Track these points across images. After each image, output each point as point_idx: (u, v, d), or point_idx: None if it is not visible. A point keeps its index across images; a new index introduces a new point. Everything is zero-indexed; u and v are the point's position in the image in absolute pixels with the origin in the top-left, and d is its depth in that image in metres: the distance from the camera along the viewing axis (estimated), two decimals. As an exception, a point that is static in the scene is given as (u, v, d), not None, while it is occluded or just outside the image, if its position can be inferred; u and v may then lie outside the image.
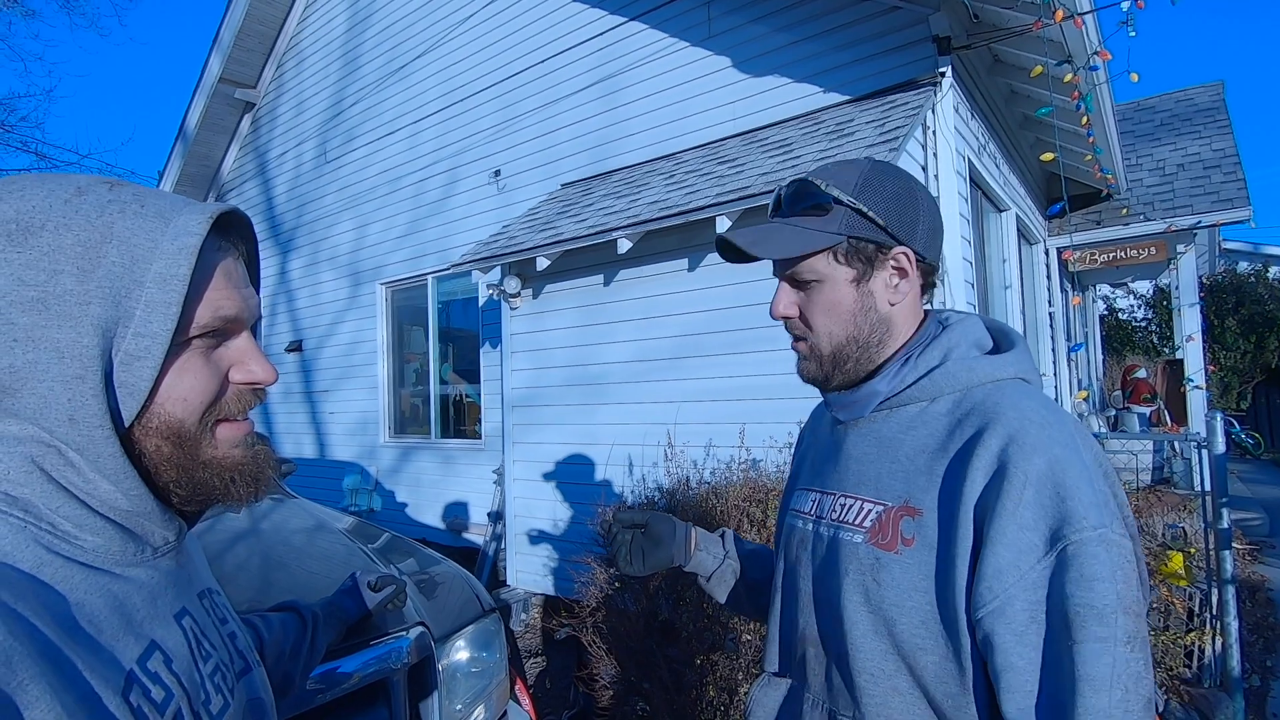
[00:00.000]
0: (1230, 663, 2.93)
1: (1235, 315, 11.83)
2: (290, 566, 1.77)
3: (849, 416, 0.86)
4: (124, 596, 0.52)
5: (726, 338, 3.47)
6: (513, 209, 5.25)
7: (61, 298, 0.48)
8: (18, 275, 0.47)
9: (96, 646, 0.47)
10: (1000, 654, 0.67)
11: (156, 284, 0.51)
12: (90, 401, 0.48)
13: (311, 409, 7.19)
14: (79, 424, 0.49)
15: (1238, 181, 6.03)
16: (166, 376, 0.53)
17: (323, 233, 7.11)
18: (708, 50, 4.34)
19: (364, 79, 6.64)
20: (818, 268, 0.82)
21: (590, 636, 2.70)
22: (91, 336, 0.48)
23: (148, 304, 0.50)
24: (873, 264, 0.82)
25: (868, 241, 0.82)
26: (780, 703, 0.91)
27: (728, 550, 1.11)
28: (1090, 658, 0.63)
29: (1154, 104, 7.92)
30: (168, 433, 0.53)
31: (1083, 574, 0.65)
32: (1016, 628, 0.66)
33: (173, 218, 0.53)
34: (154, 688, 0.50)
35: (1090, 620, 0.64)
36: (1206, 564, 3.17)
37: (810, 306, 0.84)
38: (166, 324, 0.51)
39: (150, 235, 0.52)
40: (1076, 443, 0.71)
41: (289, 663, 1.02)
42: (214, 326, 0.55)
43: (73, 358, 0.48)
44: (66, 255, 0.48)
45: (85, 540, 0.51)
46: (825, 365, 0.85)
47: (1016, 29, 3.52)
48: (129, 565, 0.53)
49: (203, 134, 7.84)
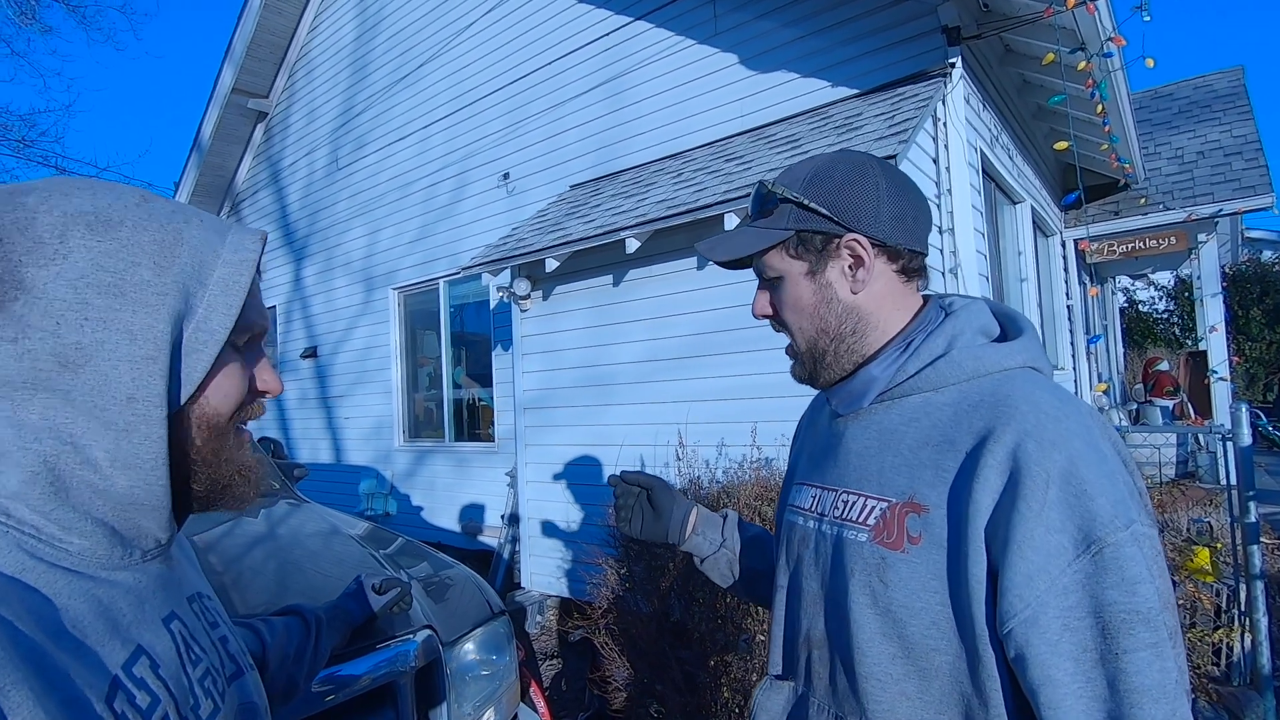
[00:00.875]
0: (1260, 660, 2.85)
1: (1260, 305, 11.59)
2: (306, 570, 1.78)
3: (848, 408, 0.84)
4: (109, 601, 0.52)
5: (737, 335, 3.44)
6: (522, 211, 5.26)
7: (140, 286, 0.52)
8: (97, 261, 0.51)
9: (81, 652, 0.47)
10: (1037, 667, 0.63)
11: (219, 288, 0.57)
12: (156, 382, 0.53)
13: (327, 414, 7.25)
14: (138, 403, 0.52)
15: (1260, 168, 5.89)
16: (216, 375, 0.58)
17: (335, 239, 7.17)
18: (714, 48, 4.32)
19: (373, 86, 6.69)
20: (774, 264, 0.84)
21: (603, 638, 2.68)
22: (165, 324, 0.53)
23: (209, 304, 0.56)
24: (824, 255, 0.82)
25: (814, 233, 0.81)
26: (784, 707, 0.89)
27: (725, 537, 1.09)
28: (1144, 667, 0.60)
29: (1172, 91, 7.78)
30: (205, 425, 0.58)
31: (1123, 577, 0.61)
32: (1050, 637, 0.63)
33: (226, 234, 0.60)
34: (139, 693, 0.50)
35: (1138, 627, 0.60)
36: (1234, 559, 3.10)
37: (780, 305, 0.86)
38: (226, 323, 0.56)
39: (212, 246, 0.58)
40: (1094, 433, 0.68)
41: (293, 666, 1.01)
42: (253, 333, 0.62)
43: (146, 340, 0.52)
44: (145, 250, 0.53)
45: (71, 544, 0.51)
46: (806, 363, 0.87)
47: (1027, 17, 3.46)
48: (115, 569, 0.54)
49: (217, 144, 7.95)
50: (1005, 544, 0.65)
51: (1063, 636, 0.62)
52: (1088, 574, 0.62)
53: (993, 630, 0.66)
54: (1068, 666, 0.62)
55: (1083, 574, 0.62)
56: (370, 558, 1.85)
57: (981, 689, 0.68)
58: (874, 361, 0.82)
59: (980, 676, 0.68)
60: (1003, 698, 0.67)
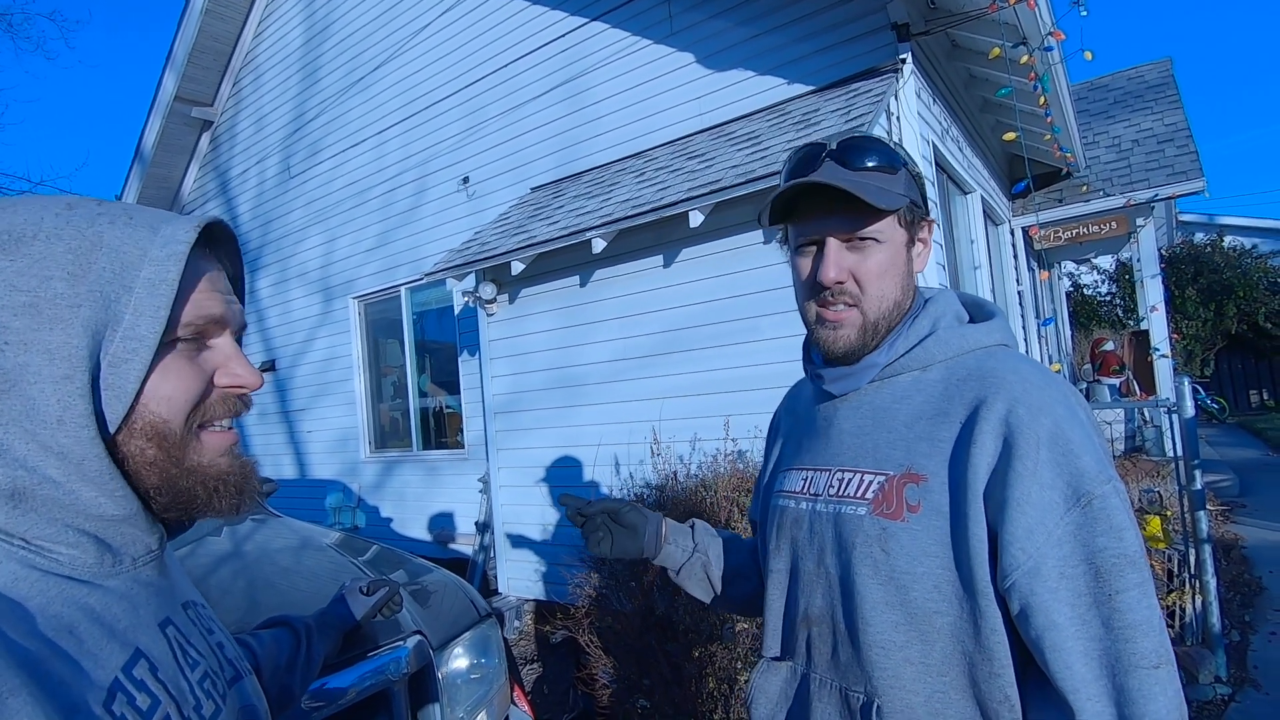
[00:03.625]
0: (1210, 619, 3.01)
1: (1195, 285, 12.18)
2: (278, 586, 1.74)
3: (844, 389, 0.86)
4: (103, 607, 0.51)
5: (707, 331, 3.48)
6: (483, 215, 5.22)
7: (53, 301, 0.49)
8: (10, 282, 0.49)
9: (79, 656, 0.47)
10: (1040, 613, 0.68)
11: (145, 289, 0.52)
12: (77, 402, 0.49)
13: (289, 428, 7.06)
14: (66, 425, 0.49)
15: (1190, 154, 6.20)
16: (151, 377, 0.53)
17: (290, 249, 6.99)
18: (671, 47, 4.36)
19: (324, 91, 6.55)
20: (884, 228, 0.80)
21: (587, 637, 2.69)
22: (81, 338, 0.49)
23: (136, 309, 0.52)
24: (916, 231, 0.85)
25: (916, 207, 0.84)
26: (782, 686, 0.91)
27: (697, 543, 1.09)
28: (1134, 604, 0.65)
29: (1107, 82, 8.12)
30: (151, 434, 0.54)
31: (1111, 525, 0.67)
32: (1051, 584, 0.67)
33: (160, 228, 0.55)
34: (140, 695, 0.50)
35: (1127, 569, 0.66)
36: (1183, 526, 3.26)
37: (864, 269, 0.81)
38: (154, 327, 0.52)
39: (139, 243, 0.53)
40: (1071, 400, 0.74)
41: (285, 675, 1.00)
42: (198, 325, 0.56)
43: (62, 358, 0.49)
44: (57, 262, 0.50)
45: (60, 553, 0.50)
46: (867, 333, 0.82)
47: (972, 13, 3.58)
48: (107, 576, 0.53)
49: (160, 155, 7.67)
50: (1003, 503, 0.69)
51: (1060, 584, 0.67)
52: (1079, 524, 0.67)
53: (995, 587, 0.71)
54: (1066, 611, 0.67)
55: (1074, 524, 0.68)
56: (350, 564, 1.82)
57: (985, 644, 0.72)
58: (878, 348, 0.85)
59: (984, 632, 0.72)
60: (1007, 649, 0.71)
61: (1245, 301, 11.99)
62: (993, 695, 0.72)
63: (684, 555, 1.07)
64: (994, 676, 0.71)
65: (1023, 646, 0.71)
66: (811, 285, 0.83)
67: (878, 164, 0.80)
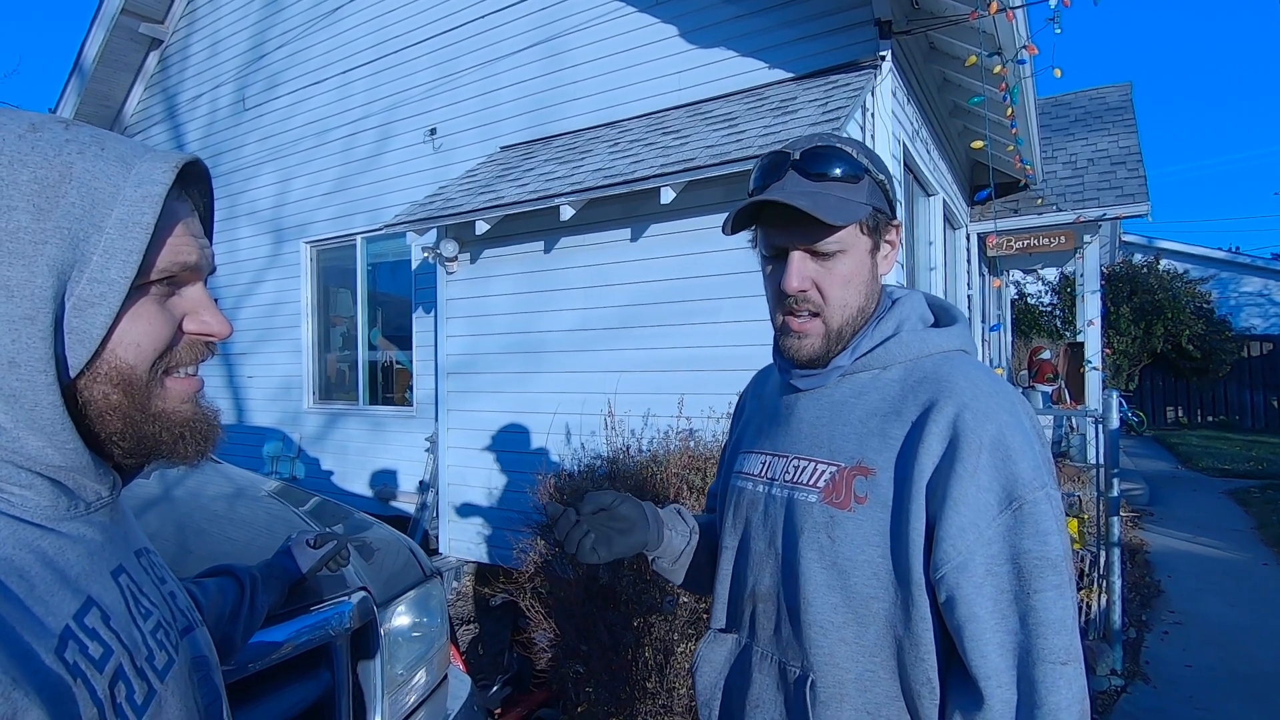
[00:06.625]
0: (1113, 616, 3.23)
1: (1129, 303, 12.79)
2: (209, 533, 1.68)
3: (810, 385, 0.89)
4: (57, 552, 0.50)
5: (668, 309, 3.50)
6: (449, 170, 5.08)
7: (15, 235, 0.46)
8: None
9: (30, 602, 0.46)
10: (963, 605, 0.73)
11: (118, 230, 0.49)
12: (37, 344, 0.47)
13: (228, 371, 6.82)
14: (20, 368, 0.46)
15: (1140, 178, 6.47)
16: (121, 322, 0.51)
17: (240, 185, 6.68)
18: (653, 17, 4.28)
19: (288, 21, 6.22)
20: (845, 237, 0.82)
21: (529, 601, 2.72)
22: (45, 277, 0.46)
23: (106, 250, 0.49)
24: (880, 235, 0.86)
25: (880, 213, 0.85)
26: (726, 657, 0.95)
27: (692, 527, 1.05)
28: (1050, 604, 0.71)
29: (1070, 100, 8.37)
30: (117, 379, 0.52)
31: (1037, 529, 0.72)
32: (976, 580, 0.72)
33: (134, 163, 0.52)
34: (91, 644, 0.49)
35: (1047, 571, 0.71)
36: (1097, 529, 3.48)
37: (828, 279, 0.82)
38: (126, 271, 0.49)
39: (111, 180, 0.50)
40: (1018, 409, 0.78)
41: (228, 625, 0.99)
42: (172, 272, 0.54)
43: (23, 297, 0.46)
44: (21, 191, 0.46)
45: (13, 494, 0.49)
46: (831, 341, 0.85)
47: (953, 18, 3.63)
48: (61, 520, 0.52)
49: (102, 70, 7.16)
50: (943, 500, 0.74)
51: (985, 580, 0.72)
52: (1009, 527, 0.72)
53: (928, 578, 0.75)
54: (988, 605, 0.72)
55: (1004, 527, 0.72)
56: (290, 514, 1.78)
57: (914, 631, 0.77)
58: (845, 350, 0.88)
59: (913, 619, 0.77)
60: (932, 637, 0.76)
61: (1172, 323, 12.67)
62: (917, 677, 0.77)
63: (683, 541, 1.02)
64: (919, 660, 0.77)
65: (948, 636, 0.76)
66: (778, 294, 0.85)
67: (840, 174, 0.81)
